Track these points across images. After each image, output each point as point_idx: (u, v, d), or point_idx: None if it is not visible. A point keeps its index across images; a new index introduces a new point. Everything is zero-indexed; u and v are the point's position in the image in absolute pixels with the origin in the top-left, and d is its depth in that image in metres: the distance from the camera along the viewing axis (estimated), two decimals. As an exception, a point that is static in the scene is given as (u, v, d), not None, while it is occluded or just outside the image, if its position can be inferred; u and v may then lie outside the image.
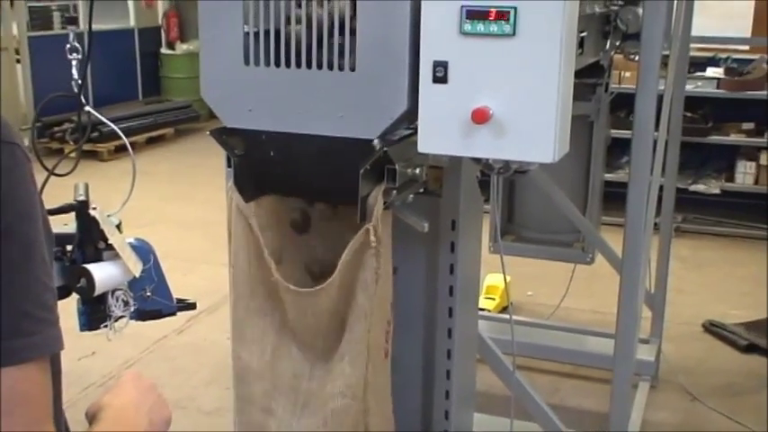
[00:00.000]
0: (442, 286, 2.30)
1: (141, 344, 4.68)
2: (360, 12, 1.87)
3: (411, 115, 1.92)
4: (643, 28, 2.50)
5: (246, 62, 1.99)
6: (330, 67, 1.93)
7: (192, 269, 5.80)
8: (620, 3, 3.55)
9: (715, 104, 6.75)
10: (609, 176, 5.76)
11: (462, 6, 1.78)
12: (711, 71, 6.65)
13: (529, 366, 4.32)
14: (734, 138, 6.79)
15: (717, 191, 6.75)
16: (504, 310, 5.26)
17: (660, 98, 3.40)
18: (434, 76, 1.83)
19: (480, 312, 4.57)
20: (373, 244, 1.91)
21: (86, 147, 9.09)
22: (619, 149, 6.63)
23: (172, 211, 7.50)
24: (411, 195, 2.12)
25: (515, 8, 1.75)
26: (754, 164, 6.70)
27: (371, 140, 1.93)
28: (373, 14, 1.87)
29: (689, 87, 6.58)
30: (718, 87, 6.62)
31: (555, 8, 1.72)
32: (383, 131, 1.92)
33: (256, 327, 2.03)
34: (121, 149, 9.02)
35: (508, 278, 5.31)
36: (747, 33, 6.86)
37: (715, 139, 6.74)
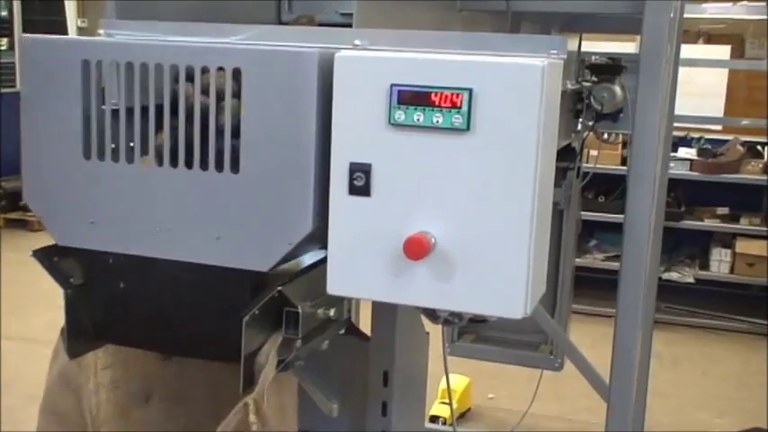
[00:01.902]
0: (370, 463, 1.68)
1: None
2: (247, 92, 1.29)
3: (320, 236, 1.33)
4: (637, 109, 1.99)
5: (87, 155, 1.39)
6: (204, 166, 1.33)
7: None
8: (593, 79, 3.08)
9: (688, 187, 6.30)
10: (576, 261, 5.25)
11: (392, 86, 1.21)
12: (684, 152, 6.22)
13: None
14: (708, 223, 6.33)
15: (691, 279, 6.26)
16: (462, 415, 4.67)
17: (622, 178, 3.05)
18: (351, 185, 1.25)
19: (432, 426, 3.95)
20: (254, 428, 1.28)
21: (14, 215, 8.41)
22: (586, 231, 6.15)
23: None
24: (326, 341, 1.51)
25: (470, 90, 1.17)
26: (729, 251, 6.23)
27: (262, 274, 1.33)
28: (266, 96, 1.29)
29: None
30: (691, 169, 6.18)
31: (530, 90, 1.15)
32: (279, 261, 1.32)
33: None
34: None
35: (467, 380, 4.77)
36: (720, 113, 6.48)
37: (688, 224, 6.27)
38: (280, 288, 1.31)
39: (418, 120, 1.20)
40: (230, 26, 1.45)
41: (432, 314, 1.32)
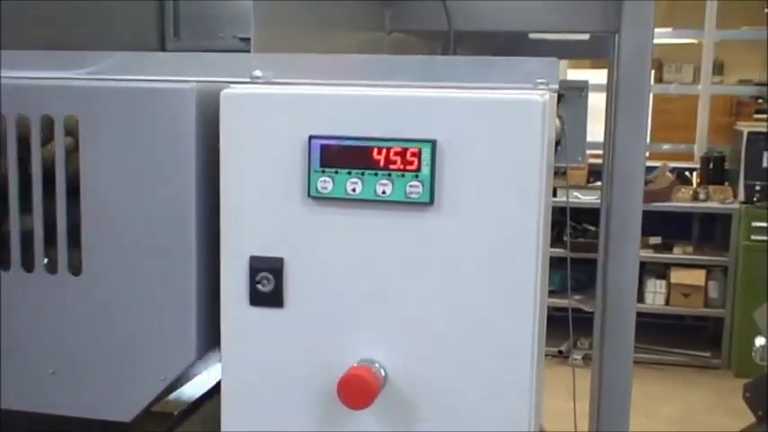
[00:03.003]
0: None
1: None
2: (88, 151, 0.84)
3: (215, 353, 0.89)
4: (617, 145, 1.62)
5: None
6: (28, 266, 0.87)
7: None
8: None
9: (618, 216, 6.08)
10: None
11: (312, 138, 0.78)
12: (612, 180, 6.00)
13: None
14: (641, 253, 6.10)
15: (626, 314, 6.00)
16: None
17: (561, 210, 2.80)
18: (254, 291, 0.81)
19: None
20: None
21: None
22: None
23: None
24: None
25: (434, 143, 0.76)
26: (664, 282, 6.02)
27: (122, 425, 0.87)
28: (118, 157, 0.84)
29: (589, 198, 5.88)
30: (621, 198, 5.95)
31: (528, 138, 0.75)
32: (148, 405, 0.87)
33: None
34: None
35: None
36: (647, 139, 6.30)
37: (620, 255, 6.03)
38: (150, 449, 0.86)
39: (354, 190, 0.77)
40: (75, 54, 1.00)
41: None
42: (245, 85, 0.84)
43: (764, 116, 6.29)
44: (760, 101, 6.51)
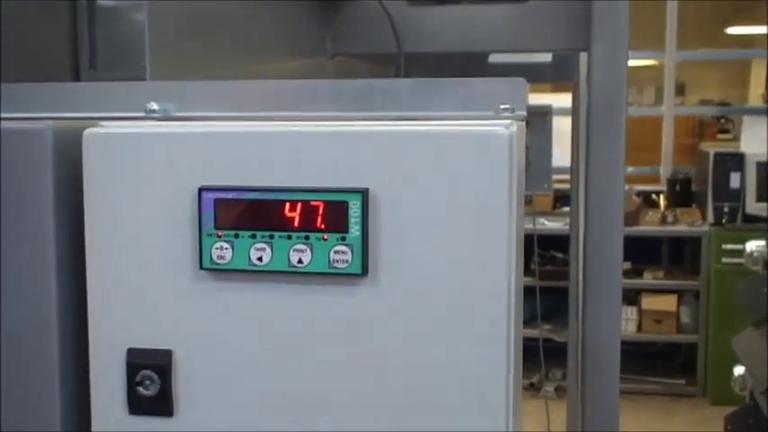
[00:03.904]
0: None
1: None
2: None
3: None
4: (592, 175, 1.45)
5: None
6: None
7: None
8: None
9: (586, 243, 5.96)
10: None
11: (203, 191, 0.58)
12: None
13: None
14: (610, 280, 5.99)
15: (598, 343, 5.86)
16: None
17: (528, 238, 2.73)
18: (134, 394, 0.61)
19: None
20: None
21: None
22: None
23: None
24: None
25: (364, 193, 0.56)
26: (635, 308, 5.92)
27: None
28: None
29: (555, 225, 5.75)
30: (588, 223, 5.85)
31: (492, 181, 0.56)
32: None
33: None
34: None
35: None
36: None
37: (590, 282, 5.91)
38: None
39: (260, 260, 0.58)
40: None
41: None
42: (120, 122, 0.64)
43: (728, 136, 6.24)
44: (722, 121, 6.48)
